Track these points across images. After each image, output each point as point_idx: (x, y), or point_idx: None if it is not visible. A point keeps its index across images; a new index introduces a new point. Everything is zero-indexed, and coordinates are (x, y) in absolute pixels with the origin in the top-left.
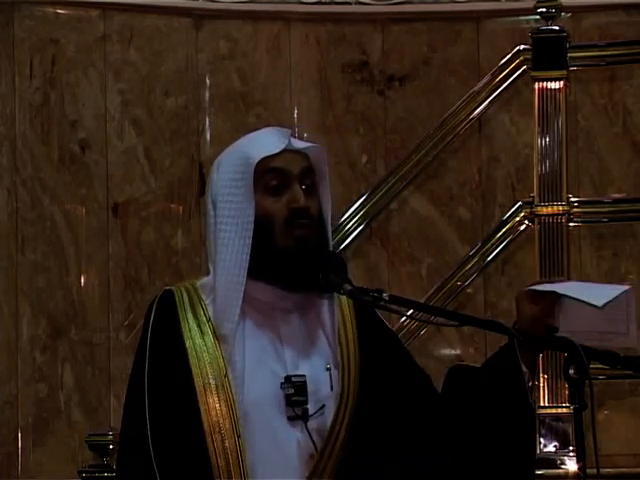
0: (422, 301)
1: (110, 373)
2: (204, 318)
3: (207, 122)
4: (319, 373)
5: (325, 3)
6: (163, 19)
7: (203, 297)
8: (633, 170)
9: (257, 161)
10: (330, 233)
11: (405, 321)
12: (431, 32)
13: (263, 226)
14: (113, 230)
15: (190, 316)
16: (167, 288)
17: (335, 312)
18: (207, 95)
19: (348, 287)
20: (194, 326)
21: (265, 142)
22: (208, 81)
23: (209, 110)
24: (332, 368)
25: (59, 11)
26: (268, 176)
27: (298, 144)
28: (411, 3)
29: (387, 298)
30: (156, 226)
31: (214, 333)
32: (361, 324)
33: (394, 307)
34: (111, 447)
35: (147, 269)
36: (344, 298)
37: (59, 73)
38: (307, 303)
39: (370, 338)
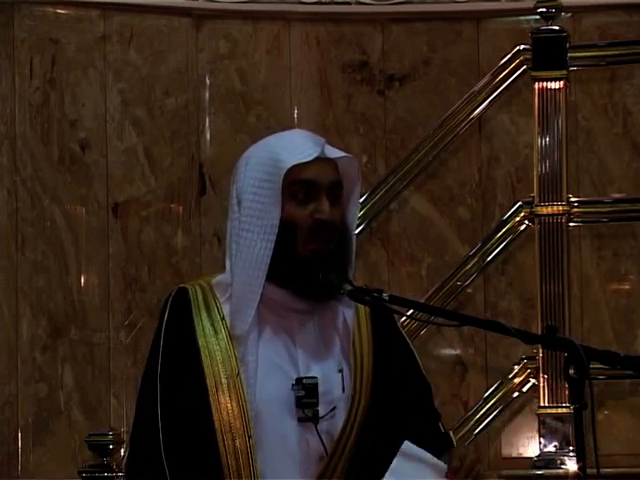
0: (422, 301)
1: (110, 373)
2: (218, 317)
3: (207, 122)
4: (331, 375)
5: (325, 3)
6: (163, 19)
7: (218, 295)
8: (633, 170)
9: (288, 167)
10: (353, 244)
11: (405, 321)
12: (431, 32)
13: (286, 231)
14: (113, 230)
15: (204, 314)
16: (181, 286)
17: (351, 315)
18: (207, 95)
19: (348, 287)
20: (208, 324)
21: (298, 148)
22: (208, 81)
23: (209, 110)
24: (344, 370)
25: (59, 11)
26: (297, 186)
27: (331, 153)
28: (411, 3)
29: (387, 298)
30: (156, 226)
31: (228, 332)
32: (377, 328)
33: (394, 307)
34: (111, 447)
35: (147, 269)
36: None
37: (59, 73)
38: (322, 306)
39: (385, 343)
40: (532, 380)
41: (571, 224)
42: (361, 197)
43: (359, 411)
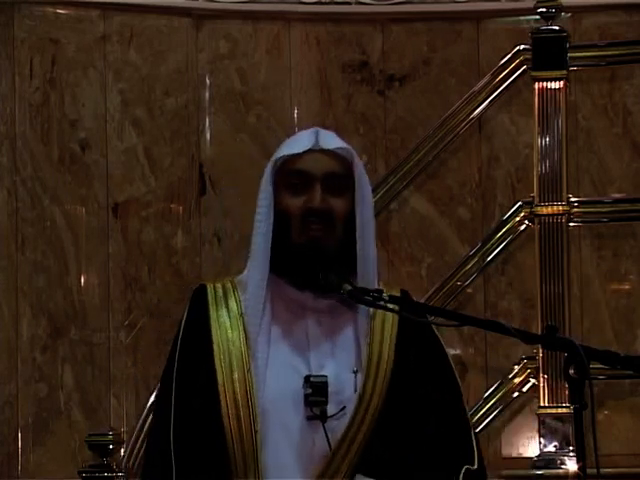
0: (422, 301)
1: (110, 373)
2: (237, 313)
3: (207, 122)
4: (344, 375)
5: (325, 3)
6: (163, 19)
7: (240, 292)
8: (633, 170)
9: (277, 158)
10: (361, 234)
11: None
12: (431, 32)
13: (281, 222)
14: (113, 230)
15: (223, 311)
16: (202, 283)
17: (366, 317)
18: (207, 95)
19: (348, 287)
20: (226, 321)
21: (295, 141)
22: (208, 81)
23: (209, 110)
24: (359, 371)
25: (59, 11)
26: (291, 177)
27: (327, 144)
28: (411, 3)
29: (387, 298)
30: (156, 226)
31: (244, 328)
32: (403, 334)
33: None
34: (111, 447)
35: (147, 269)
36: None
37: (59, 73)
38: (340, 305)
39: (410, 350)
40: (532, 380)
41: (571, 224)
42: None
43: (368, 413)
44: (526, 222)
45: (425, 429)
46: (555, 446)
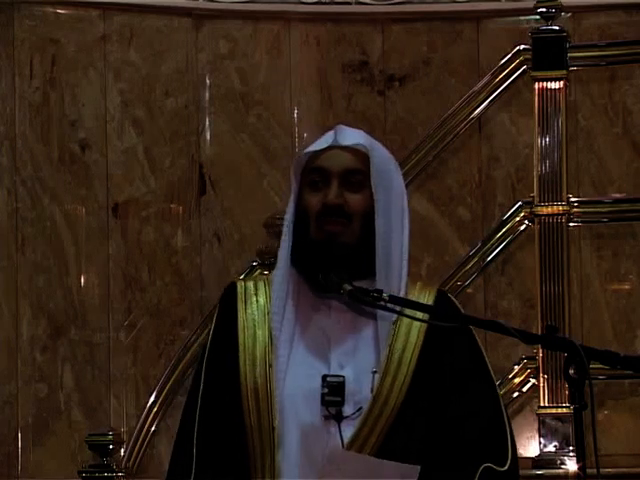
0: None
1: (110, 373)
2: (265, 310)
3: (207, 122)
4: (363, 375)
5: (325, 3)
6: (163, 19)
7: (270, 289)
8: (633, 170)
9: (301, 156)
10: (383, 232)
11: None
12: (431, 32)
13: (301, 218)
14: (113, 230)
15: (253, 307)
16: (232, 281)
17: (389, 319)
18: (207, 95)
19: (348, 287)
20: (254, 317)
21: (319, 139)
22: (208, 81)
23: (209, 110)
24: (378, 372)
25: (59, 11)
26: (312, 174)
27: (346, 140)
28: (411, 3)
29: (387, 298)
30: (156, 226)
31: (269, 325)
32: (431, 339)
33: (394, 307)
34: (111, 447)
35: (147, 269)
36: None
37: (59, 73)
38: (363, 305)
39: (442, 353)
40: (532, 380)
41: (571, 224)
42: None
43: (383, 414)
44: (526, 222)
45: (452, 431)
46: (555, 446)
